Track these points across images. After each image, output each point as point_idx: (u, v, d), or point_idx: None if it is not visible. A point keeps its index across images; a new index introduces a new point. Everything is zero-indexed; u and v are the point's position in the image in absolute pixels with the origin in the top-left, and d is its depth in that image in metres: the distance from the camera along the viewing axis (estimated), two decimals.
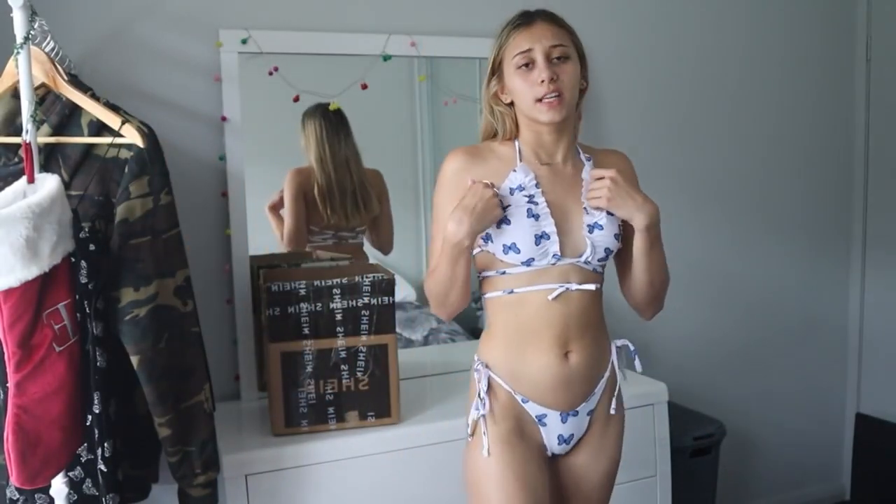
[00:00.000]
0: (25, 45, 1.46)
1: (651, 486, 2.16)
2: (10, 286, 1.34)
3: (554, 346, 1.48)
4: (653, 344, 2.68)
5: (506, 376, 1.51)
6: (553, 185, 1.50)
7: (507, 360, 1.51)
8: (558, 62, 1.45)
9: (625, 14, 2.56)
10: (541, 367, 1.49)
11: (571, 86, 1.46)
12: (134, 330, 1.56)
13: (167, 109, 1.99)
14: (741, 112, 2.79)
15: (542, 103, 1.44)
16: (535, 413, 1.52)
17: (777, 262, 2.91)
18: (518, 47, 1.46)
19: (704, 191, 2.75)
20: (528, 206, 1.46)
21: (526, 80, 1.45)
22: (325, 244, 2.29)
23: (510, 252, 1.45)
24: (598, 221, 1.49)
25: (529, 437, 1.52)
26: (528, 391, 1.51)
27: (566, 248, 1.47)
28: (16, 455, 1.39)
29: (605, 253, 1.50)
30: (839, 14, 2.95)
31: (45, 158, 1.56)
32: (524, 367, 1.50)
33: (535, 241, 1.44)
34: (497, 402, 1.51)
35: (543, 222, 1.45)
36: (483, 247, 1.48)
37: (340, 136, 2.24)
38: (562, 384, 1.50)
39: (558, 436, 1.54)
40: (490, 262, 1.50)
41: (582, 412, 1.54)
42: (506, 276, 1.48)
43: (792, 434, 3.01)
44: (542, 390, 1.50)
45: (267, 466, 1.76)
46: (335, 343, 1.83)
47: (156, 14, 2.00)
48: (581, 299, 1.49)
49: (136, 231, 1.57)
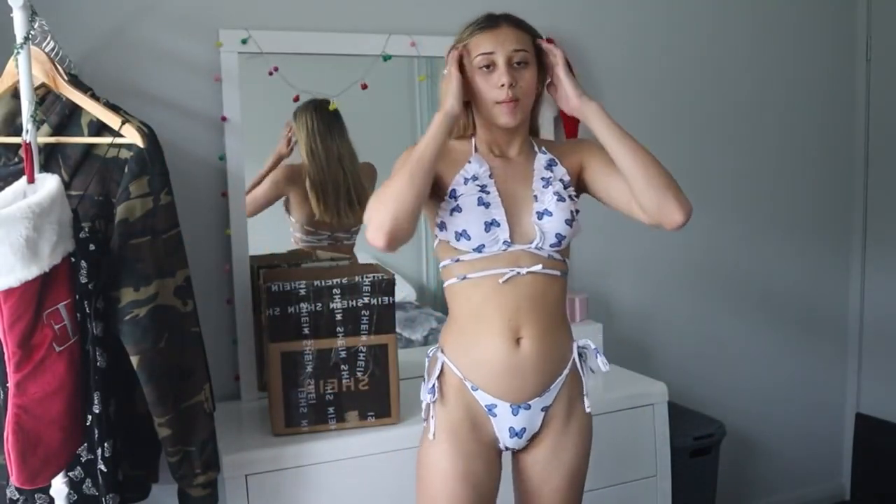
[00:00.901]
0: (25, 45, 1.46)
1: (651, 486, 2.16)
2: (10, 286, 1.34)
3: (505, 331, 1.49)
4: (653, 344, 2.69)
5: (458, 362, 1.53)
6: (506, 175, 1.54)
7: (461, 345, 1.53)
8: (518, 67, 1.49)
9: (626, 15, 2.56)
10: (491, 351, 1.50)
11: (528, 92, 1.51)
12: (134, 330, 1.56)
13: (167, 109, 1.99)
14: (742, 111, 2.79)
15: (501, 106, 1.48)
16: (485, 402, 1.52)
17: (777, 263, 2.91)
18: (481, 48, 1.49)
19: (704, 190, 2.75)
20: (480, 194, 1.50)
21: (487, 81, 1.49)
22: (321, 245, 2.27)
23: (462, 239, 1.49)
24: (547, 208, 1.52)
25: (480, 429, 1.53)
26: (478, 378, 1.51)
27: (516, 234, 1.50)
28: (16, 455, 1.39)
29: (557, 239, 1.52)
30: (839, 14, 2.96)
31: (45, 158, 1.56)
32: (476, 352, 1.51)
33: (485, 228, 1.48)
34: (449, 388, 1.53)
35: (494, 210, 1.49)
36: (439, 235, 1.53)
37: (334, 132, 2.22)
38: (512, 371, 1.50)
39: (509, 428, 1.54)
40: (446, 250, 1.54)
41: (535, 406, 1.54)
42: (459, 263, 1.51)
43: (792, 434, 3.01)
44: (491, 377, 1.51)
45: (267, 466, 1.76)
46: (335, 343, 1.83)
47: (156, 14, 2.00)
48: (533, 284, 1.51)
49: (136, 231, 1.57)
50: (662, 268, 2.69)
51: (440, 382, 1.54)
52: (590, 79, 2.49)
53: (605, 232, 2.58)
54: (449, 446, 1.51)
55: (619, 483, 2.12)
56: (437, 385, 1.54)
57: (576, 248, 2.52)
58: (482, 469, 1.53)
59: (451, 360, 1.54)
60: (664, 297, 2.71)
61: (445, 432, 1.51)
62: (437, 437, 1.52)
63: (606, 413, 2.09)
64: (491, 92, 1.48)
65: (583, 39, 2.47)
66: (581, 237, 2.54)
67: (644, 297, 2.67)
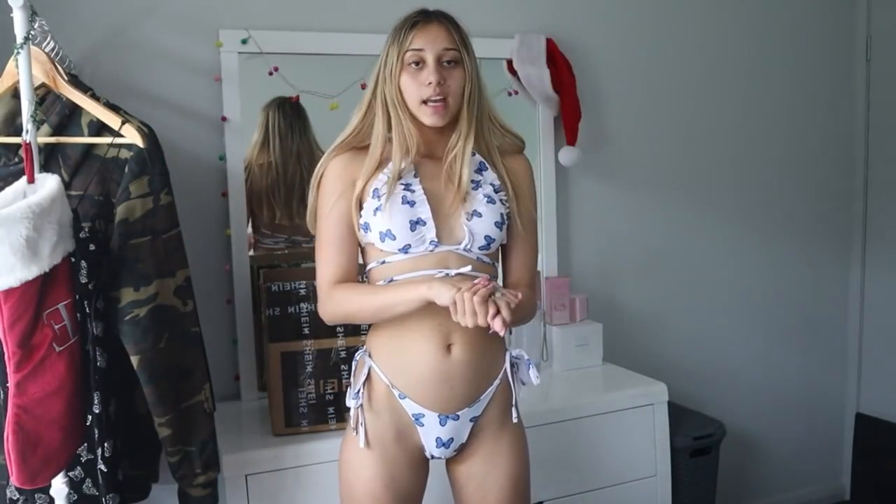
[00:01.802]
0: (25, 45, 1.46)
1: (651, 486, 2.16)
2: (11, 286, 1.34)
3: (434, 336, 1.45)
4: (653, 344, 2.69)
5: (385, 368, 1.49)
6: (432, 175, 1.49)
7: (389, 350, 1.48)
8: (448, 66, 1.45)
9: (626, 15, 2.56)
10: (420, 357, 1.45)
11: (458, 91, 1.46)
12: (134, 330, 1.56)
13: (167, 109, 1.99)
14: (741, 112, 2.79)
15: (428, 106, 1.44)
16: (413, 412, 1.48)
17: (777, 263, 2.91)
18: (410, 44, 1.45)
19: (704, 191, 2.75)
20: (404, 193, 1.46)
21: (415, 79, 1.44)
22: (278, 247, 2.19)
23: (387, 239, 1.44)
24: (476, 209, 1.48)
25: (406, 438, 1.50)
26: (406, 386, 1.47)
27: (444, 234, 1.46)
28: (16, 455, 1.39)
29: (486, 241, 1.47)
30: (839, 14, 2.96)
31: (46, 158, 1.56)
32: (404, 358, 1.47)
33: (411, 227, 1.43)
34: (375, 394, 1.49)
35: (419, 208, 1.45)
36: (363, 237, 1.48)
37: (295, 128, 2.15)
38: (441, 379, 1.46)
39: (436, 438, 1.50)
40: (372, 252, 1.49)
41: (464, 417, 1.50)
42: (385, 265, 1.47)
43: (792, 434, 3.01)
44: (420, 385, 1.46)
45: (267, 466, 1.76)
46: (335, 343, 1.83)
47: (156, 14, 2.00)
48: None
49: (136, 231, 1.57)
50: (663, 268, 2.69)
51: (366, 388, 1.50)
52: (590, 79, 2.50)
53: (606, 232, 2.58)
54: (373, 452, 1.48)
55: (619, 483, 2.12)
56: (364, 391, 1.49)
57: (576, 249, 2.55)
58: (407, 476, 1.50)
59: (378, 365, 1.49)
60: (664, 298, 2.70)
61: (374, 443, 1.48)
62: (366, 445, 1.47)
63: (606, 413, 2.10)
64: (419, 90, 1.44)
65: (583, 39, 2.47)
66: (581, 237, 2.56)
67: (644, 297, 2.67)
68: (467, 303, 1.29)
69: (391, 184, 1.45)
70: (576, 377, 2.29)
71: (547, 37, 2.35)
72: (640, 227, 2.64)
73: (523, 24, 2.36)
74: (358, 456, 1.49)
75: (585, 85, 2.46)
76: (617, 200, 2.59)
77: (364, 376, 1.50)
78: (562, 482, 2.04)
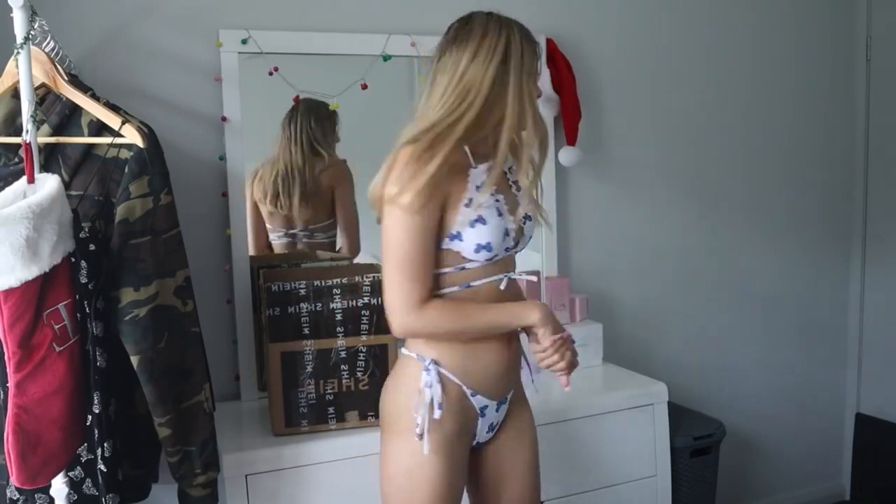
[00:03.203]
0: (25, 45, 1.46)
1: (651, 486, 2.17)
2: (11, 286, 1.34)
3: (505, 335, 1.52)
4: (653, 344, 2.69)
5: (459, 371, 1.48)
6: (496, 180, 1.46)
7: (463, 355, 1.48)
8: None
9: (626, 15, 2.56)
10: (499, 357, 1.51)
11: None
12: (134, 330, 1.56)
13: (167, 109, 1.99)
14: (741, 112, 2.79)
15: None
16: (480, 406, 1.52)
17: (777, 262, 2.91)
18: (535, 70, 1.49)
19: (704, 191, 2.75)
20: (496, 204, 1.46)
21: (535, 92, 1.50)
22: (280, 242, 2.23)
23: (482, 251, 1.44)
24: (527, 213, 1.54)
25: (468, 432, 1.53)
26: (477, 383, 1.50)
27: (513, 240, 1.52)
28: (16, 455, 1.39)
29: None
30: (839, 15, 2.96)
31: (45, 158, 1.56)
32: (477, 359, 1.49)
33: (502, 238, 1.46)
34: (447, 399, 1.47)
35: (507, 218, 1.48)
36: (449, 244, 1.44)
37: (300, 120, 2.17)
38: (507, 371, 1.54)
39: (490, 424, 1.56)
40: (449, 258, 1.45)
41: (509, 399, 1.58)
42: (464, 271, 1.46)
43: (792, 434, 3.01)
44: (492, 380, 1.51)
45: (267, 466, 1.76)
46: (335, 343, 1.83)
47: (156, 14, 2.00)
48: (514, 285, 1.55)
49: (136, 231, 1.57)
50: (662, 268, 2.69)
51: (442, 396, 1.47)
52: (590, 79, 2.50)
53: (606, 232, 2.58)
54: (437, 454, 1.45)
55: (619, 483, 2.12)
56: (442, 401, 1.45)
57: (576, 248, 2.54)
58: (462, 467, 1.53)
59: (450, 370, 1.48)
60: (664, 298, 2.71)
61: (440, 446, 1.46)
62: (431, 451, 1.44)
63: (606, 413, 2.10)
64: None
65: (583, 39, 2.47)
66: (581, 237, 2.56)
67: (644, 297, 2.67)
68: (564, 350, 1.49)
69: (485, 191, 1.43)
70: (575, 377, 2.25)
71: (547, 37, 2.35)
72: (641, 227, 2.64)
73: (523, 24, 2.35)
74: (420, 461, 1.45)
75: (585, 85, 2.46)
76: (617, 200, 2.59)
77: (440, 387, 1.45)
78: (562, 482, 2.03)
